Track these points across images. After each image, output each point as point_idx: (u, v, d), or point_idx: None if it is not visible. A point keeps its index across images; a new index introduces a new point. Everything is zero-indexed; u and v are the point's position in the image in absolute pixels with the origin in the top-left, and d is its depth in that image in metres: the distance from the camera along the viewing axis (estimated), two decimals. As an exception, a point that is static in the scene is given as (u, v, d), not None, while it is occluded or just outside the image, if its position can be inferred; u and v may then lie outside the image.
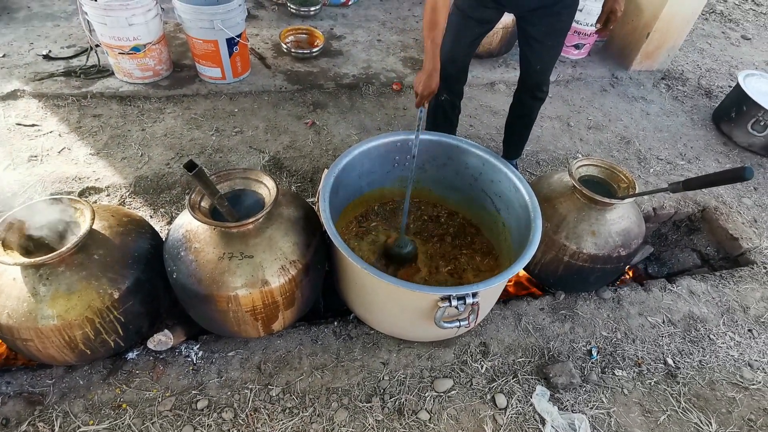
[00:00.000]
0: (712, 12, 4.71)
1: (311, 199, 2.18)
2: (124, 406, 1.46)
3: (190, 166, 1.13)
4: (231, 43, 2.64)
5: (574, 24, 3.34)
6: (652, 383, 1.71)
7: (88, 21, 2.51)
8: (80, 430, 1.40)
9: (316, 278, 1.59)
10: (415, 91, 1.72)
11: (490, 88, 3.14)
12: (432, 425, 1.51)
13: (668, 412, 1.63)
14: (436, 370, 1.65)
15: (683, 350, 1.83)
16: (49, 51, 2.84)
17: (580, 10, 3.26)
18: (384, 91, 2.99)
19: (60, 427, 1.40)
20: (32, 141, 2.33)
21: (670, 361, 1.78)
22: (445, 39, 1.97)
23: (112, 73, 2.73)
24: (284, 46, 3.11)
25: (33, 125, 2.41)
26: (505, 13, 2.03)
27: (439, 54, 1.87)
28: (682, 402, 1.66)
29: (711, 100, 3.39)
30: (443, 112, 2.18)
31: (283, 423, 1.47)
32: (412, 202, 2.12)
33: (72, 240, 1.28)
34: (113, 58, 2.61)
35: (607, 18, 1.82)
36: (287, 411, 1.50)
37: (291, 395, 1.54)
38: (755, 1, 5.11)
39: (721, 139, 3.03)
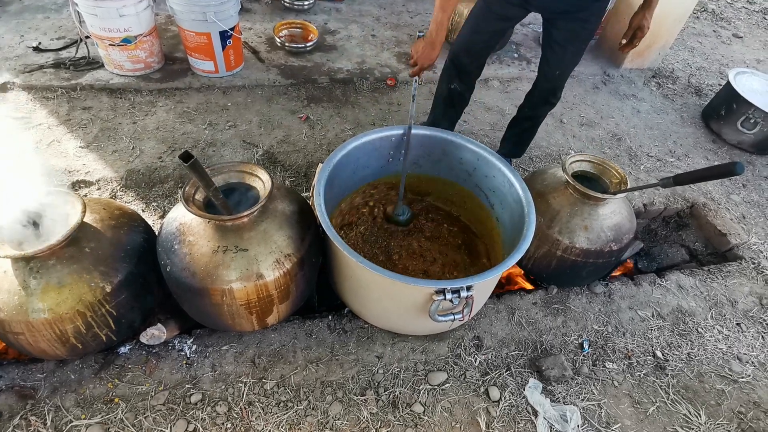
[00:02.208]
0: (704, 11, 4.76)
1: (305, 194, 2.18)
2: (116, 400, 1.45)
3: (186, 156, 1.12)
4: (224, 36, 2.62)
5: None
6: (642, 375, 1.74)
7: (78, 12, 2.47)
8: (72, 424, 1.39)
9: (311, 272, 1.59)
10: (412, 57, 1.68)
11: (484, 84, 3.15)
12: (426, 418, 1.52)
13: (657, 404, 1.66)
14: (431, 363, 1.66)
15: (672, 343, 1.86)
16: (39, 43, 2.79)
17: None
18: (378, 86, 2.99)
19: (52, 421, 1.39)
20: (21, 134, 2.29)
21: (659, 354, 1.81)
22: (464, 29, 1.96)
23: (102, 65, 2.70)
24: (278, 40, 3.09)
25: (22, 118, 2.38)
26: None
27: (456, 42, 1.84)
28: (671, 394, 1.69)
29: (700, 98, 3.43)
30: (451, 100, 2.15)
31: (277, 416, 1.47)
32: (405, 198, 2.12)
33: (62, 232, 1.26)
34: (103, 49, 2.57)
35: (633, 34, 1.79)
36: (281, 404, 1.50)
37: (285, 389, 1.54)
38: None
39: (710, 136, 3.08)
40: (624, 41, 1.81)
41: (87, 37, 2.64)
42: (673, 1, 3.15)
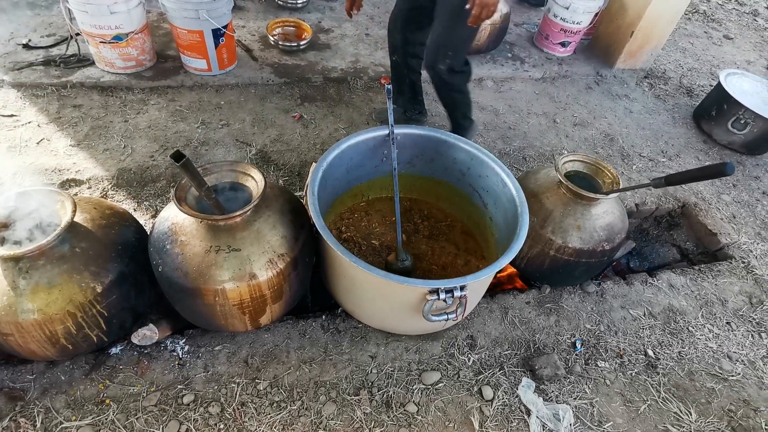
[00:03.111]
0: (695, 12, 4.80)
1: (299, 193, 2.17)
2: (107, 401, 1.44)
3: (178, 156, 1.11)
4: (217, 34, 2.60)
5: (559, 22, 3.37)
6: (633, 374, 1.75)
7: (68, 9, 2.44)
8: (63, 425, 1.37)
9: (304, 272, 1.59)
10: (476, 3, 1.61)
11: (477, 84, 3.16)
12: (420, 417, 1.52)
13: (648, 402, 1.67)
14: (424, 363, 1.67)
15: (663, 342, 1.88)
16: (29, 40, 2.75)
17: (566, 8, 3.29)
18: (372, 85, 2.98)
19: (42, 422, 1.37)
20: (10, 132, 2.26)
21: (650, 353, 1.83)
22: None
23: (93, 63, 2.66)
24: (271, 39, 3.07)
25: (11, 116, 2.34)
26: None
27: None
28: (662, 392, 1.71)
29: (692, 99, 3.46)
30: (395, 73, 2.35)
31: (270, 417, 1.46)
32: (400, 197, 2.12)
33: (52, 232, 1.25)
34: (94, 47, 2.54)
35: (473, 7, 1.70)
36: (275, 405, 1.49)
37: (278, 389, 1.53)
38: (738, 0, 5.22)
39: (701, 137, 3.11)
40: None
41: (77, 34, 2.61)
42: (665, 2, 3.17)
